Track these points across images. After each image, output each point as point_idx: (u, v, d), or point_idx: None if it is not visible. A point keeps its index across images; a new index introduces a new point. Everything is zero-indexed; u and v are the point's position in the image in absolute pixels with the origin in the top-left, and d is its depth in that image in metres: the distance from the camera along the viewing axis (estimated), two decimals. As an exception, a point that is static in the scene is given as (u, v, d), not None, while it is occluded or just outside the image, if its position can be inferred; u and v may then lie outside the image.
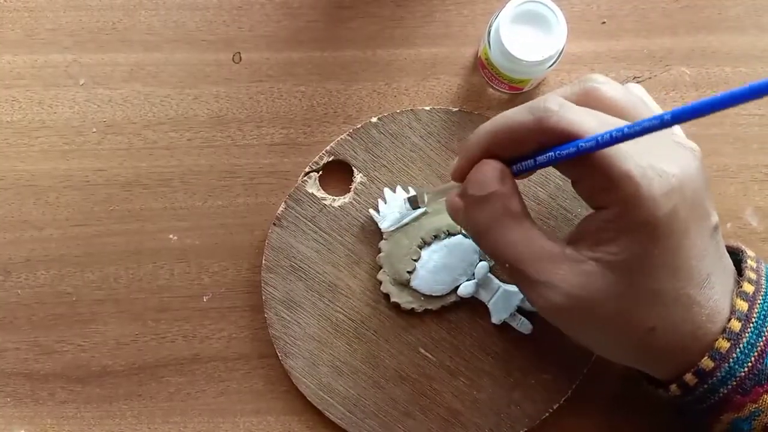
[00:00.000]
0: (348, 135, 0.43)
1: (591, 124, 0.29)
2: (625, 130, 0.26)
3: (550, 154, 0.30)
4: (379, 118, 0.43)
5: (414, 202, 0.39)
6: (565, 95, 0.32)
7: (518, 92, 0.43)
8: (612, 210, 0.30)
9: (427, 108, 0.43)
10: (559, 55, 0.39)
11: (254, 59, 0.44)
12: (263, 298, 0.42)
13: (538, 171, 0.41)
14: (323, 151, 0.43)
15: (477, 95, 0.44)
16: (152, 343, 0.43)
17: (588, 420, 0.43)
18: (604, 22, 0.44)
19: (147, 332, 0.43)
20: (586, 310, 0.31)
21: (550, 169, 0.42)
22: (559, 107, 0.29)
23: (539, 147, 0.30)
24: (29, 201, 0.43)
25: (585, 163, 0.29)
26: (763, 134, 0.44)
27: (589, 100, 0.31)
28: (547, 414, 0.42)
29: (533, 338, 0.42)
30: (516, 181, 0.33)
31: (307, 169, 0.43)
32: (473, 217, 0.32)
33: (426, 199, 0.38)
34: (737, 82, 0.44)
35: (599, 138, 0.28)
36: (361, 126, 0.43)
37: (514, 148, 0.31)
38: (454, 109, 0.43)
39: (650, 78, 0.44)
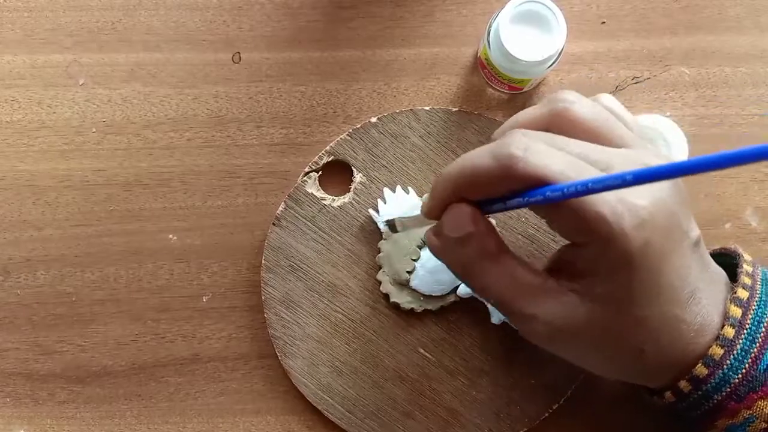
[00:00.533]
0: (348, 135, 0.43)
1: (558, 166, 0.28)
2: (589, 185, 0.27)
3: (519, 199, 0.30)
4: (378, 118, 0.43)
5: (393, 227, 0.39)
6: (535, 117, 0.32)
7: (518, 92, 0.43)
8: (588, 247, 0.30)
9: (427, 108, 0.43)
10: (558, 55, 0.39)
11: (254, 59, 0.44)
12: (263, 298, 0.42)
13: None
14: (323, 151, 0.43)
15: (477, 95, 0.44)
16: (152, 343, 0.43)
17: (588, 420, 0.42)
18: (603, 22, 0.44)
19: (147, 332, 0.43)
20: (573, 339, 0.31)
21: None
22: (524, 152, 0.28)
23: (509, 190, 0.30)
24: (29, 201, 0.43)
25: (556, 205, 0.29)
26: (763, 134, 0.44)
27: (559, 122, 0.31)
28: (546, 414, 0.42)
29: (533, 338, 0.42)
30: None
31: (306, 169, 0.43)
32: (452, 257, 0.32)
33: (403, 227, 0.38)
34: (737, 82, 0.44)
35: (565, 190, 0.28)
36: (361, 126, 0.43)
37: (483, 192, 0.31)
38: (454, 109, 0.43)
39: (650, 78, 0.44)
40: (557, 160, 0.29)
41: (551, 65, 0.39)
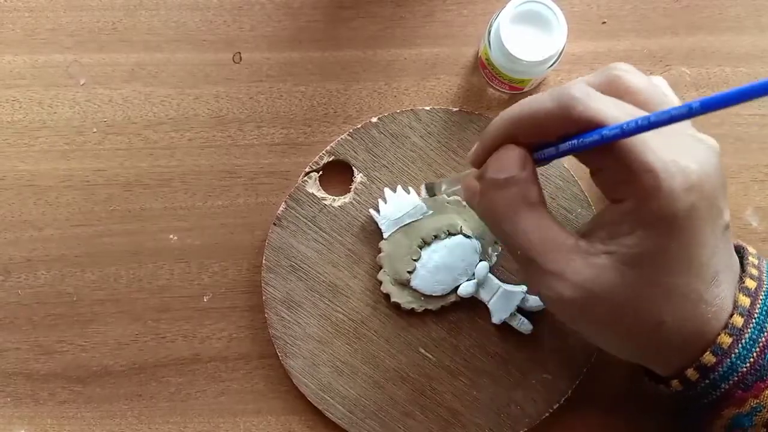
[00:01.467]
0: (348, 135, 0.43)
1: (616, 113, 0.28)
2: (652, 118, 0.26)
3: (573, 141, 0.29)
4: (379, 118, 0.43)
5: (431, 190, 0.38)
6: (589, 83, 0.31)
7: (518, 92, 0.43)
8: (630, 202, 0.29)
9: (428, 108, 0.43)
10: (559, 55, 0.39)
11: (255, 59, 0.44)
12: (263, 298, 0.42)
13: (540, 171, 0.42)
14: (323, 151, 0.43)
15: (477, 95, 0.44)
16: (152, 343, 0.43)
17: (588, 420, 0.43)
18: (604, 22, 0.44)
19: (147, 332, 0.43)
20: (595, 303, 0.31)
21: (550, 170, 0.42)
22: (584, 95, 0.29)
23: (562, 135, 0.30)
24: (30, 201, 0.43)
25: (606, 153, 0.29)
26: (763, 134, 0.44)
27: (613, 89, 0.31)
28: (547, 414, 0.42)
29: (533, 338, 0.42)
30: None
31: (307, 169, 0.43)
32: (490, 201, 0.32)
33: (443, 188, 0.38)
34: (737, 82, 0.44)
35: (624, 126, 0.27)
36: (362, 126, 0.43)
37: (537, 135, 0.31)
38: (455, 109, 0.43)
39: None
40: (615, 108, 0.29)
41: (552, 65, 0.39)
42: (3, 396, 0.43)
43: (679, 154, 0.29)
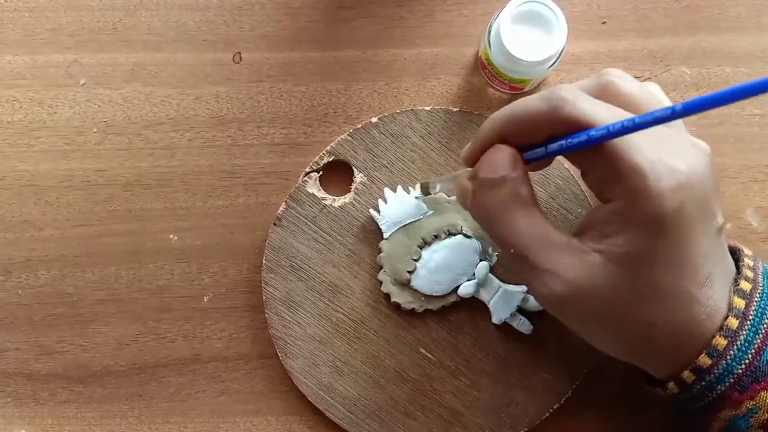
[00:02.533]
0: (348, 135, 0.43)
1: (604, 114, 0.29)
2: (636, 119, 0.26)
3: (561, 142, 0.30)
4: (379, 118, 0.43)
5: (425, 189, 0.39)
6: (582, 88, 0.32)
7: (519, 92, 0.43)
8: (619, 202, 0.30)
9: (428, 108, 0.43)
10: (559, 55, 0.39)
11: (255, 59, 0.44)
12: (264, 298, 0.42)
13: (539, 171, 0.42)
14: (324, 151, 0.43)
15: (477, 95, 0.44)
16: (153, 343, 0.43)
17: (588, 420, 0.43)
18: (604, 22, 0.44)
19: (148, 332, 0.43)
20: (588, 300, 0.31)
21: (550, 169, 0.42)
22: (573, 97, 0.30)
23: (551, 136, 0.31)
24: (30, 201, 0.43)
25: (595, 153, 0.29)
26: (763, 134, 0.44)
27: (605, 94, 0.31)
28: (547, 414, 0.42)
29: (533, 338, 0.42)
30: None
31: (307, 169, 0.43)
32: (482, 201, 0.33)
33: (437, 187, 0.38)
34: (738, 82, 0.43)
35: (610, 127, 0.27)
36: (362, 126, 0.43)
37: (527, 136, 0.32)
38: (455, 109, 0.43)
39: (650, 78, 0.44)
40: (604, 110, 0.29)
41: (552, 65, 0.39)
42: (3, 396, 0.43)
43: (668, 154, 0.29)
